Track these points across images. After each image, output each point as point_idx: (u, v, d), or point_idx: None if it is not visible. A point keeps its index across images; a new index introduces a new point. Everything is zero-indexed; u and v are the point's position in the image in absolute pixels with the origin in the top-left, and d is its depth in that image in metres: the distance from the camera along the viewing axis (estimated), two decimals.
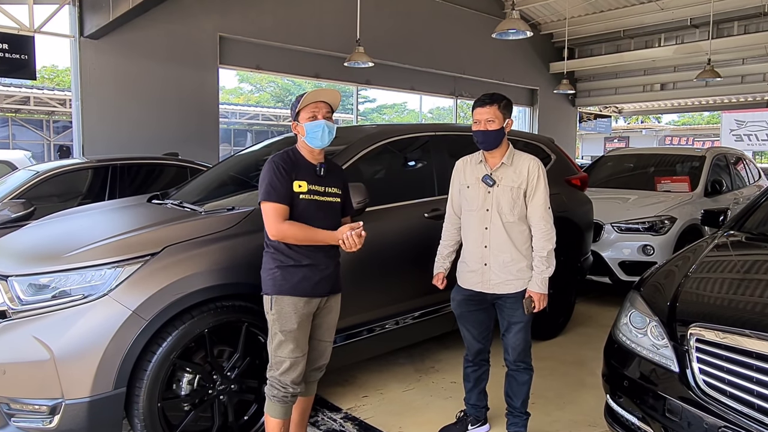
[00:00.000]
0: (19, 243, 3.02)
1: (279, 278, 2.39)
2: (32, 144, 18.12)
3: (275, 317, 2.38)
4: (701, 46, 11.44)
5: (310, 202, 2.41)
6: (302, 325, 2.40)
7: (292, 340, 2.37)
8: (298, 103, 2.46)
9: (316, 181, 2.44)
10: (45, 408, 2.34)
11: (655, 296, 2.49)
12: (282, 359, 2.38)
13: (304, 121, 2.43)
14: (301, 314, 2.39)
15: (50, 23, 7.09)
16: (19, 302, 2.46)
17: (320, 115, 2.43)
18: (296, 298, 2.38)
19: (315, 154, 2.49)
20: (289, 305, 2.37)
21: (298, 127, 2.47)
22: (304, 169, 2.44)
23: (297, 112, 2.47)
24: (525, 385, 2.79)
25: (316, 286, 2.43)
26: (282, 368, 2.38)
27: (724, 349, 2.06)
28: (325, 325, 2.56)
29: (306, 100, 2.44)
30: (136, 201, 3.68)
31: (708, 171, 6.37)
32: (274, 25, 8.84)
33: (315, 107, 2.44)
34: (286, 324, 2.37)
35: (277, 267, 2.40)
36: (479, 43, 11.62)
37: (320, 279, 2.43)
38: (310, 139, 2.43)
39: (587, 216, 4.71)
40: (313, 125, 2.42)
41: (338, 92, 2.50)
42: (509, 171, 2.66)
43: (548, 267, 2.65)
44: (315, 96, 2.45)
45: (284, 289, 2.38)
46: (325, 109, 2.45)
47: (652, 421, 2.20)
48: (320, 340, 2.56)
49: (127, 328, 2.37)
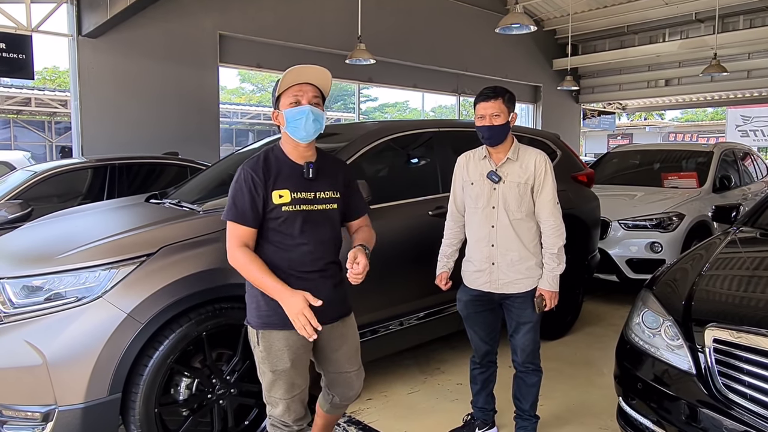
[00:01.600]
0: (12, 244, 2.95)
1: (264, 308, 1.98)
2: (34, 145, 18.09)
3: (264, 355, 2.00)
4: (706, 41, 11.34)
5: (295, 214, 1.97)
6: (298, 360, 2.02)
7: (286, 380, 2.00)
8: (278, 86, 2.00)
9: (302, 187, 2.00)
10: (38, 415, 2.26)
11: (668, 295, 2.41)
12: (276, 400, 2.04)
13: (285, 107, 1.98)
14: (296, 348, 2.00)
15: (48, 22, 7.03)
16: (11, 305, 2.39)
17: (304, 99, 1.96)
18: (287, 332, 1.96)
19: (301, 149, 2.02)
20: (279, 341, 1.98)
21: (278, 115, 2.01)
22: (286, 172, 1.99)
23: (277, 98, 2.01)
24: (534, 387, 2.71)
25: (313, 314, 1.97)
26: (279, 409, 2.05)
27: (743, 349, 1.98)
28: (344, 357, 2.15)
29: (286, 82, 1.96)
30: (133, 201, 3.61)
31: (716, 167, 6.29)
32: (274, 22, 8.77)
33: (299, 90, 1.97)
34: (277, 363, 1.99)
35: (261, 293, 1.97)
36: (482, 39, 11.54)
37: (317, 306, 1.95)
38: (292, 130, 1.97)
39: (594, 213, 4.62)
40: (296, 112, 1.95)
41: (327, 71, 2.00)
42: (515, 166, 2.57)
43: (559, 264, 2.56)
44: (298, 76, 1.96)
45: (271, 321, 1.97)
46: (312, 92, 1.98)
47: (667, 424, 2.12)
48: (340, 372, 2.17)
49: (122, 331, 2.29)
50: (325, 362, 2.17)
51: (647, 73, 14.35)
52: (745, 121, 18.92)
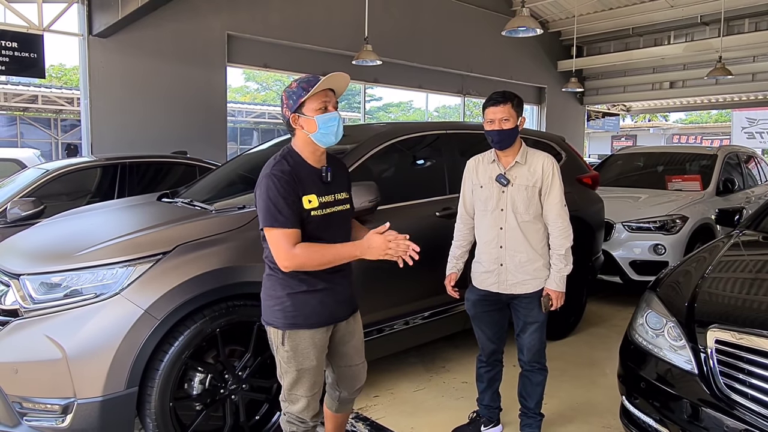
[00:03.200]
0: (30, 242, 3.02)
1: (290, 309, 2.03)
2: (40, 143, 18.21)
3: (290, 354, 2.05)
4: (711, 44, 11.34)
5: (323, 218, 2.02)
6: (321, 357, 2.11)
7: (310, 377, 2.08)
8: (302, 91, 1.99)
9: (324, 191, 2.05)
10: (57, 407, 2.32)
11: (672, 297, 2.46)
12: (298, 397, 2.10)
13: (314, 113, 1.99)
14: (320, 346, 2.09)
15: (59, 22, 7.10)
16: (31, 301, 2.45)
17: (331, 105, 2.02)
18: (313, 330, 2.05)
19: (319, 154, 2.07)
20: (306, 340, 2.05)
21: (303, 120, 2.01)
22: (308, 177, 2.02)
23: (301, 102, 2.00)
24: (539, 386, 2.76)
25: (335, 311, 2.11)
26: (299, 406, 2.10)
27: (744, 350, 2.03)
28: (353, 350, 2.26)
29: (320, 86, 1.98)
30: (145, 199, 3.67)
31: (720, 169, 6.31)
32: (281, 23, 8.82)
33: (325, 96, 2.01)
34: (304, 362, 2.05)
35: (287, 295, 2.03)
36: (487, 41, 11.57)
37: (338, 303, 2.12)
38: (323, 135, 2.00)
39: (599, 215, 4.66)
40: (328, 118, 1.99)
41: (349, 77, 2.08)
42: (523, 170, 2.63)
43: (566, 265, 2.62)
44: (330, 81, 2.00)
45: (298, 322, 2.03)
46: (335, 98, 2.05)
47: (669, 423, 2.16)
48: (350, 365, 2.28)
49: (139, 327, 2.35)
50: (337, 357, 2.25)
51: (652, 76, 14.35)
52: (751, 123, 18.92)
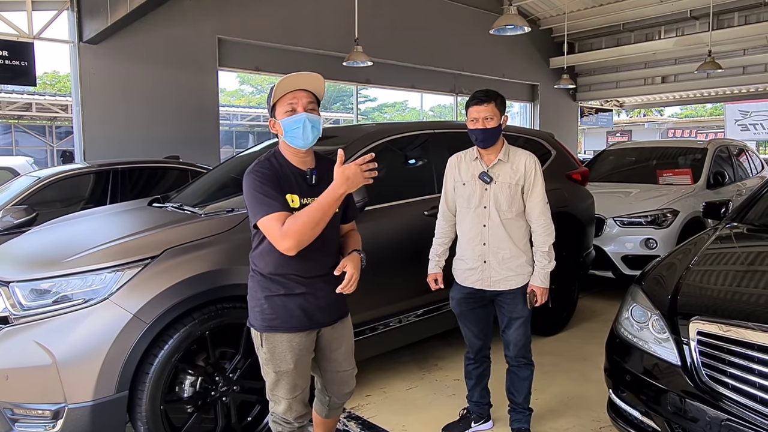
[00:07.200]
0: (20, 249, 3.03)
1: (268, 312, 2.03)
2: (35, 150, 18.18)
3: (268, 357, 2.05)
4: (702, 38, 11.38)
5: None
6: (300, 360, 2.08)
7: (290, 380, 2.07)
8: (272, 95, 2.02)
9: (307, 193, 2.02)
10: (48, 413, 2.34)
11: (656, 290, 2.48)
12: (279, 398, 2.11)
13: (281, 116, 2.00)
14: (299, 350, 2.06)
15: (49, 29, 7.12)
16: (20, 308, 2.47)
17: (300, 107, 1.99)
18: (291, 334, 2.04)
19: (301, 156, 2.06)
20: (283, 343, 2.03)
21: (276, 124, 2.04)
22: (291, 178, 2.03)
23: (272, 106, 2.03)
24: (526, 381, 2.79)
25: (316, 317, 2.07)
26: (281, 407, 2.12)
27: (725, 341, 2.05)
28: (342, 356, 2.23)
29: (280, 91, 1.99)
30: (136, 205, 3.69)
31: (710, 163, 6.35)
32: (272, 26, 8.85)
33: (293, 98, 2.00)
34: (281, 365, 2.05)
35: (265, 297, 2.03)
36: (478, 39, 11.59)
37: (320, 308, 2.07)
38: (291, 138, 2.01)
39: (589, 211, 4.69)
40: (292, 121, 1.99)
41: (319, 76, 2.03)
42: (506, 167, 2.65)
43: (550, 261, 2.65)
44: (292, 83, 1.99)
45: (275, 324, 2.02)
46: (306, 98, 2.01)
47: (655, 415, 2.19)
48: (338, 371, 2.25)
49: (128, 331, 2.37)
50: (325, 362, 2.23)
51: (643, 71, 14.40)
52: (744, 115, 18.99)
